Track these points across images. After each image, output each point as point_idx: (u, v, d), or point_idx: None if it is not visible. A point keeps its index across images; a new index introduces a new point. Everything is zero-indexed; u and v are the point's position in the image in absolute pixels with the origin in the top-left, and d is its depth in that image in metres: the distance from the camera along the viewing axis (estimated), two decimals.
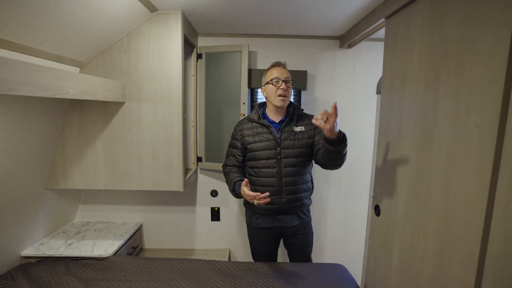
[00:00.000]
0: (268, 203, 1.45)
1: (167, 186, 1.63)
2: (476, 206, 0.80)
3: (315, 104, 2.05)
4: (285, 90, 1.42)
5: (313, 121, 1.12)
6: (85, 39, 1.34)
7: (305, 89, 1.97)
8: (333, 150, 1.24)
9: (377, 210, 1.40)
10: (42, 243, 1.68)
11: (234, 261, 1.59)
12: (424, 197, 1.03)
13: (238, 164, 1.55)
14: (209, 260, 1.59)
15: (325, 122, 1.10)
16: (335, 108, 1.08)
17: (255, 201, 1.25)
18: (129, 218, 2.13)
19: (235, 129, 1.57)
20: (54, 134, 1.55)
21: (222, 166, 1.61)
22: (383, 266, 1.34)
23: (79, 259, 1.59)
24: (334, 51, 1.98)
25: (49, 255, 1.58)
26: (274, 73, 1.45)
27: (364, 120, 2.07)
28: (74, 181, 1.63)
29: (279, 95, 1.43)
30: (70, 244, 1.69)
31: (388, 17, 1.30)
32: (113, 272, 1.50)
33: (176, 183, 1.63)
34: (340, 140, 1.21)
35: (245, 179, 1.31)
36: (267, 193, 1.22)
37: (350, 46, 1.94)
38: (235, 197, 1.49)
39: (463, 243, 0.84)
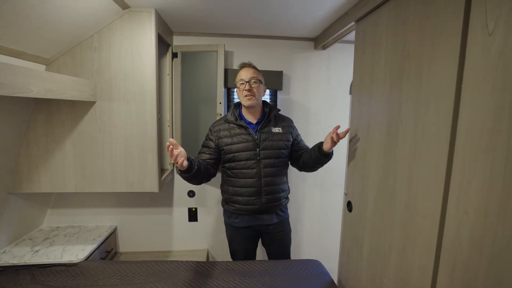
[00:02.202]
0: (248, 204, 1.50)
1: (142, 187, 1.60)
2: (433, 198, 0.86)
3: (291, 103, 2.10)
4: (250, 90, 1.45)
5: (332, 136, 1.38)
6: (51, 35, 1.28)
7: (280, 89, 2.00)
8: (324, 160, 1.49)
9: (349, 206, 1.46)
10: (4, 252, 1.57)
11: (211, 261, 1.59)
12: (391, 192, 1.09)
13: (206, 162, 1.46)
14: (186, 261, 1.57)
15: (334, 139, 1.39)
16: (345, 133, 1.40)
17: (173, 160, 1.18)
18: (102, 221, 2.05)
19: (210, 130, 1.55)
20: (17, 135, 1.46)
21: None
22: (355, 260, 1.39)
23: (47, 267, 1.51)
24: (309, 52, 2.04)
25: (12, 264, 1.48)
26: (241, 74, 1.48)
27: (338, 120, 2.14)
28: (41, 184, 1.54)
29: (245, 96, 1.46)
30: (37, 251, 1.60)
31: (357, 21, 1.36)
32: (84, 278, 1.44)
33: (151, 184, 1.60)
34: (331, 153, 1.49)
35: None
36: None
37: (324, 47, 2.01)
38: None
39: (423, 234, 0.91)
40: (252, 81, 1.46)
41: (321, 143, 1.46)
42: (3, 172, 1.47)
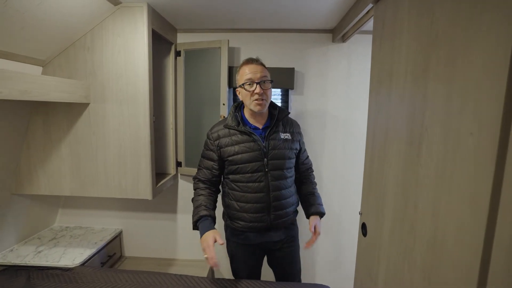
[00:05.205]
0: (254, 221, 1.31)
1: (135, 193, 1.51)
2: (469, 242, 0.59)
3: (305, 104, 1.86)
4: (261, 94, 1.22)
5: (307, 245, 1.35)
6: (38, 34, 1.24)
7: (292, 88, 1.78)
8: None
9: (364, 229, 1.20)
10: (11, 250, 1.61)
11: (209, 278, 1.45)
12: (411, 222, 0.83)
13: (215, 178, 1.36)
14: (180, 275, 1.45)
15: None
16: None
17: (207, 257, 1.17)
18: (109, 223, 2.03)
19: (208, 138, 1.34)
20: (18, 137, 1.47)
21: (193, 178, 1.40)
22: None
23: (44, 269, 1.50)
24: (326, 45, 1.78)
25: (13, 264, 1.50)
26: (247, 72, 1.23)
27: (360, 122, 1.85)
28: (40, 186, 1.54)
29: (256, 99, 1.23)
30: (39, 252, 1.61)
31: (376, 1, 1.10)
32: (76, 284, 1.39)
33: (144, 191, 1.50)
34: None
35: (222, 242, 1.18)
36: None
37: (344, 40, 1.73)
38: (193, 228, 1.31)
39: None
40: (263, 80, 1.23)
41: (312, 212, 1.42)
42: (7, 174, 1.49)
